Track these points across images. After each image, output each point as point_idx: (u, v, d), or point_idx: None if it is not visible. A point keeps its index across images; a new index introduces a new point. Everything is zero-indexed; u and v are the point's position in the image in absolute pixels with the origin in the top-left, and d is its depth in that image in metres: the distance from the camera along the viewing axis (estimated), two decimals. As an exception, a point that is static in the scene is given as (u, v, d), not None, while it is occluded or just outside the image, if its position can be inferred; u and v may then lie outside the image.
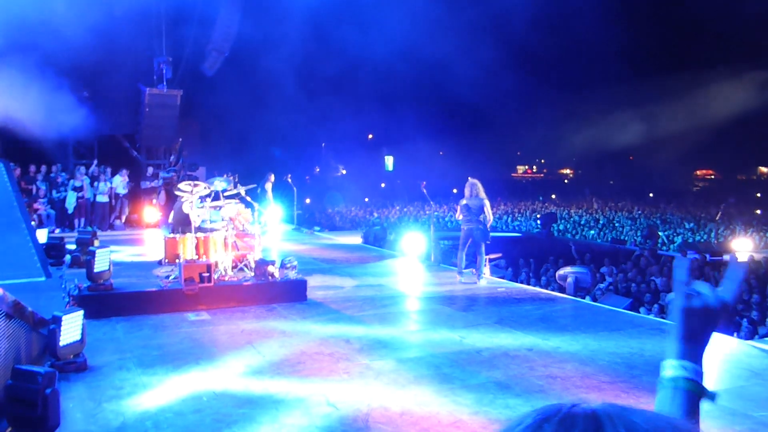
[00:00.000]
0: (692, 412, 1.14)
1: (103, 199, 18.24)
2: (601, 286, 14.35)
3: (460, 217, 11.13)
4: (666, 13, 40.88)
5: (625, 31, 42.44)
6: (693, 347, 1.19)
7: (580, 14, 42.48)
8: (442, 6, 34.41)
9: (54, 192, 17.84)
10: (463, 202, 11.11)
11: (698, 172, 62.65)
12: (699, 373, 1.17)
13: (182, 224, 10.47)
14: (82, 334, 6.31)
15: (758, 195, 41.89)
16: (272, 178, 18.14)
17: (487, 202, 11.00)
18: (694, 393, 1.15)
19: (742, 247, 19.20)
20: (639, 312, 11.46)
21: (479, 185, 11.04)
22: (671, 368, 1.18)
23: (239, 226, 10.26)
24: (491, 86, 43.29)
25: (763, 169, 64.14)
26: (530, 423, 0.78)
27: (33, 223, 13.92)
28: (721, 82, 41.58)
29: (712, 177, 62.80)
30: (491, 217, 11.21)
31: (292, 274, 9.72)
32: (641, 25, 42.36)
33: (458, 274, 11.39)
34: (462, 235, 11.26)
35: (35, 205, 17.07)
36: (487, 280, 11.30)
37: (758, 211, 31.04)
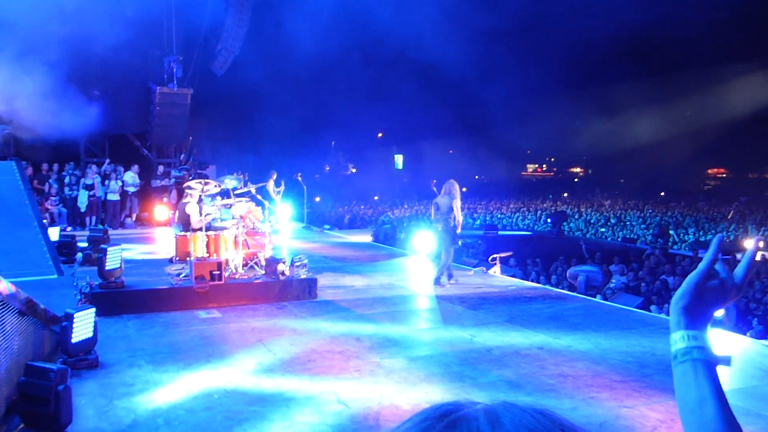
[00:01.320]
0: (716, 383, 1.11)
1: (114, 197, 18.33)
2: (612, 284, 14.28)
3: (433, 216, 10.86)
4: (677, 10, 40.62)
5: (635, 29, 42.19)
6: (699, 319, 1.18)
7: (591, 11, 42.31)
8: (451, 5, 34.34)
9: (66, 190, 17.94)
10: (436, 200, 10.77)
11: (710, 171, 62.25)
12: (707, 341, 1.16)
13: (185, 224, 10.51)
14: (94, 331, 6.34)
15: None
16: (274, 176, 18.08)
17: (457, 202, 10.50)
18: (709, 361, 1.13)
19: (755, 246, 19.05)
20: (650, 311, 11.40)
21: (455, 185, 10.58)
22: (681, 340, 1.15)
23: (250, 224, 10.28)
24: (501, 84, 43.18)
25: (776, 168, 63.64)
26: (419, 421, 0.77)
27: (45, 221, 13.99)
28: (733, 79, 41.30)
29: (724, 176, 62.37)
30: (460, 218, 10.67)
31: (303, 273, 9.72)
32: (652, 22, 42.10)
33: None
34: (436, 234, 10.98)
35: (47, 204, 17.18)
36: (445, 288, 10.53)
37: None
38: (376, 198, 33.55)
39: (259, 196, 11.31)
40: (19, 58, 15.08)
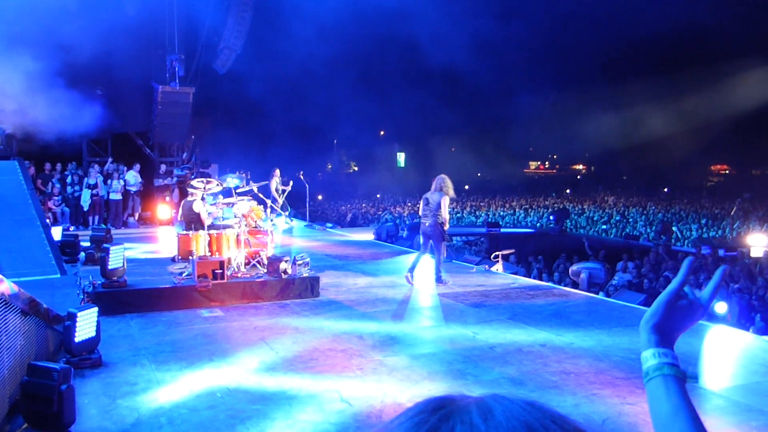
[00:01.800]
0: (686, 396, 1.17)
1: (116, 196, 18.35)
2: (615, 281, 14.27)
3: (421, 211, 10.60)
4: (680, 8, 40.53)
5: (639, 26, 42.15)
6: (669, 337, 1.24)
7: (594, 8, 42.28)
8: (453, 3, 34.35)
9: (68, 189, 17.97)
10: (426, 195, 10.53)
11: (713, 167, 62.08)
12: (677, 358, 1.21)
13: (193, 222, 10.52)
14: (97, 330, 6.35)
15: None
16: (277, 173, 18.06)
17: (446, 199, 10.23)
18: (680, 377, 1.19)
19: (758, 242, 19.05)
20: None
21: (447, 181, 10.33)
22: (653, 357, 1.21)
23: (252, 222, 10.29)
24: (504, 82, 43.16)
25: (779, 164, 63.52)
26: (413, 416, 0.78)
27: (48, 220, 14.03)
28: (736, 76, 41.18)
29: (727, 172, 62.23)
30: (447, 215, 10.31)
31: (305, 271, 9.73)
32: (656, 20, 42.05)
33: (408, 272, 10.55)
34: (420, 231, 10.76)
35: (50, 203, 17.21)
36: (448, 285, 10.44)
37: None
38: (378, 196, 33.54)
39: (261, 195, 11.29)
40: (21, 57, 15.09)
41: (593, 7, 41.62)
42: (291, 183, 18.08)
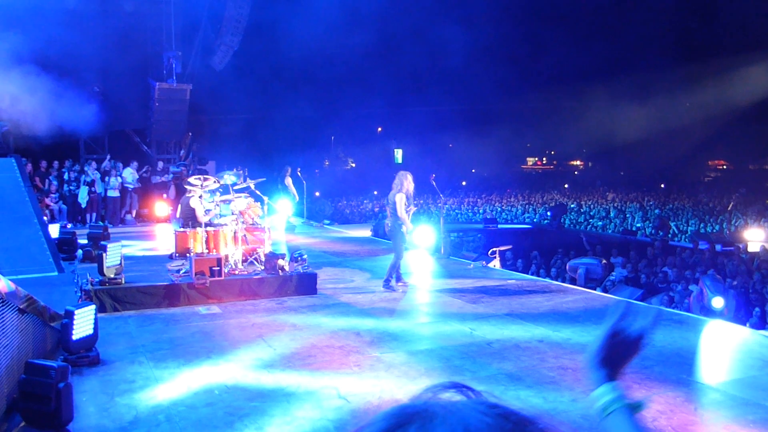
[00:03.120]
0: (640, 422, 1.24)
1: (113, 194, 18.33)
2: (612, 277, 14.29)
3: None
4: (676, 3, 40.49)
5: (634, 22, 42.14)
6: (616, 370, 1.30)
7: (591, 5, 42.26)
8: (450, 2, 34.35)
9: (66, 187, 17.95)
10: (388, 195, 9.97)
11: (710, 162, 62.10)
12: (625, 389, 1.28)
13: (190, 219, 10.51)
14: (95, 328, 6.35)
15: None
16: (288, 171, 17.96)
17: (400, 196, 9.53)
18: (631, 408, 1.25)
19: (755, 237, 19.08)
20: (650, 303, 11.41)
21: (400, 177, 9.70)
22: (605, 394, 1.27)
23: (249, 219, 10.28)
24: (500, 78, 43.15)
25: (776, 159, 63.60)
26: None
27: (45, 218, 14.00)
28: (733, 71, 41.19)
29: (724, 167, 62.25)
30: (403, 214, 9.54)
31: (302, 268, 9.73)
32: (652, 15, 42.00)
33: (396, 280, 10.01)
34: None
35: (47, 201, 17.19)
36: (404, 289, 9.89)
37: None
38: (375, 192, 33.51)
39: (258, 192, 11.27)
40: (18, 54, 15.06)
41: (591, 3, 41.63)
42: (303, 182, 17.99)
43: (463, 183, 43.00)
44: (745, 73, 40.81)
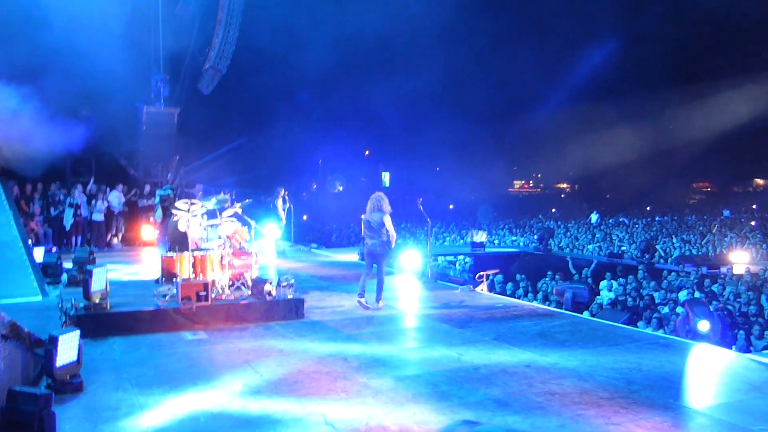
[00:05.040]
0: None
1: (99, 217, 18.23)
2: (599, 300, 14.33)
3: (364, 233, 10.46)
4: (660, 29, 41.12)
5: (620, 46, 42.72)
6: None
7: (578, 28, 42.82)
8: (436, 19, 34.67)
9: (51, 210, 17.82)
10: (364, 217, 10.38)
11: (694, 185, 62.68)
12: None
13: (178, 243, 10.45)
14: (79, 354, 6.28)
15: (754, 207, 41.97)
16: (282, 192, 17.74)
17: (387, 217, 10.13)
18: None
19: (739, 259, 19.23)
20: (637, 326, 11.44)
21: (384, 199, 10.20)
22: None
23: (236, 244, 10.24)
24: (487, 101, 43.50)
25: (759, 181, 64.30)
26: None
27: (30, 241, 13.88)
28: (717, 94, 41.82)
29: (709, 189, 62.85)
30: (393, 233, 10.27)
31: (290, 293, 9.69)
32: (637, 41, 42.61)
33: (359, 296, 10.35)
34: (365, 252, 10.69)
35: (32, 224, 17.05)
36: (375, 307, 10.27)
37: (753, 223, 31.08)
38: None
39: (245, 217, 11.23)
40: (5, 77, 15.03)
41: (578, 27, 42.18)
42: (288, 202, 17.73)
43: (450, 206, 43.10)
44: (727, 96, 41.45)
